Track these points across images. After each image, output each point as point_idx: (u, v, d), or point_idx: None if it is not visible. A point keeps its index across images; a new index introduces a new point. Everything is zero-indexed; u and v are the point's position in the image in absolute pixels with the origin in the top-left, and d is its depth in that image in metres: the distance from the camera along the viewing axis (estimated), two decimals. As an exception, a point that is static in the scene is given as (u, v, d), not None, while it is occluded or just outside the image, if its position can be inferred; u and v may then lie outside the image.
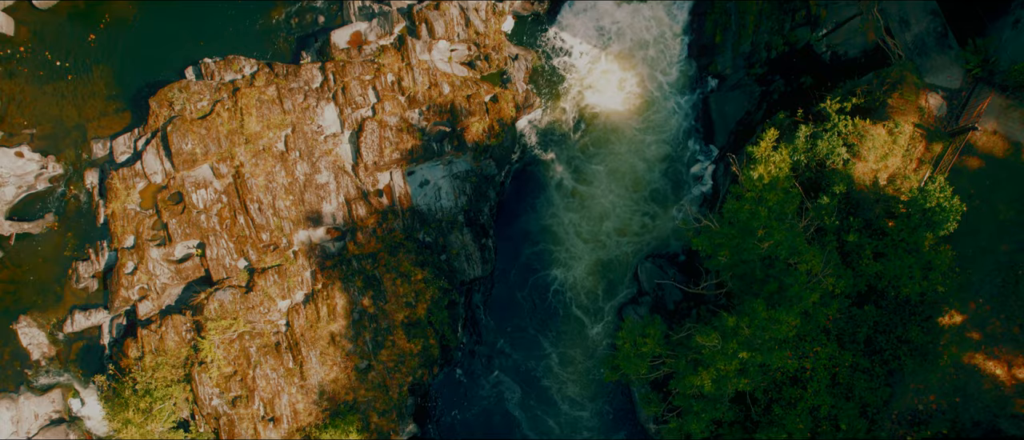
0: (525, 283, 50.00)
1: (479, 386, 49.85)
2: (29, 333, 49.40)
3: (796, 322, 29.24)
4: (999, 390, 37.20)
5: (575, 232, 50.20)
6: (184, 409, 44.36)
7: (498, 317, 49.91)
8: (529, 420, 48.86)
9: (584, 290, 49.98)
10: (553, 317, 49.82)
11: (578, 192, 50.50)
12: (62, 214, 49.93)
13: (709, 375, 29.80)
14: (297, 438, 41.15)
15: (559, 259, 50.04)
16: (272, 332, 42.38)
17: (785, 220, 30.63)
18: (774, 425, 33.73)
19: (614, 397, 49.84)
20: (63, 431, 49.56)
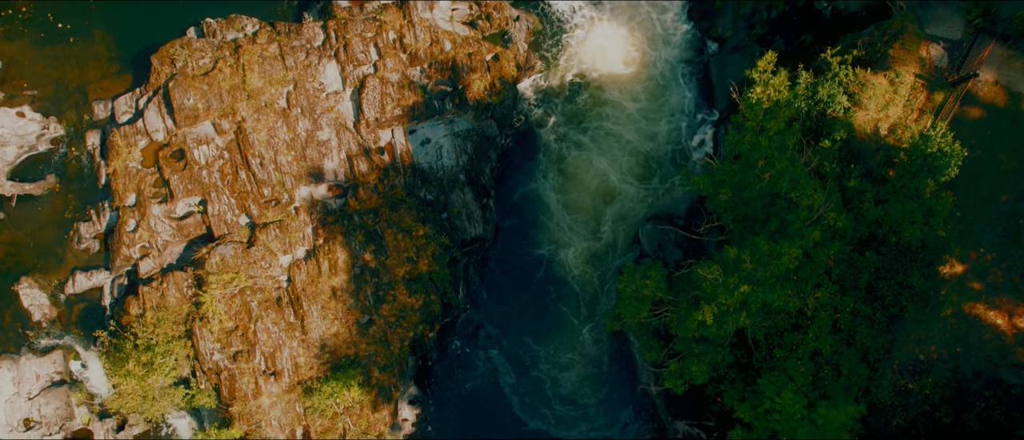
0: (526, 245, 50.04)
1: (478, 350, 49.93)
2: (30, 294, 49.41)
3: (797, 254, 29.25)
4: (1000, 340, 37.24)
5: (577, 194, 50.22)
6: (185, 366, 44.36)
7: (499, 280, 49.98)
8: (531, 384, 49.00)
9: (585, 252, 50.00)
10: (554, 279, 49.89)
11: (579, 157, 50.53)
12: (63, 176, 49.95)
13: (710, 309, 29.80)
14: (298, 391, 41.13)
15: (561, 223, 50.08)
16: (273, 287, 42.40)
17: (786, 151, 30.65)
18: (775, 370, 33.74)
19: (615, 365, 49.96)
20: (64, 392, 49.58)
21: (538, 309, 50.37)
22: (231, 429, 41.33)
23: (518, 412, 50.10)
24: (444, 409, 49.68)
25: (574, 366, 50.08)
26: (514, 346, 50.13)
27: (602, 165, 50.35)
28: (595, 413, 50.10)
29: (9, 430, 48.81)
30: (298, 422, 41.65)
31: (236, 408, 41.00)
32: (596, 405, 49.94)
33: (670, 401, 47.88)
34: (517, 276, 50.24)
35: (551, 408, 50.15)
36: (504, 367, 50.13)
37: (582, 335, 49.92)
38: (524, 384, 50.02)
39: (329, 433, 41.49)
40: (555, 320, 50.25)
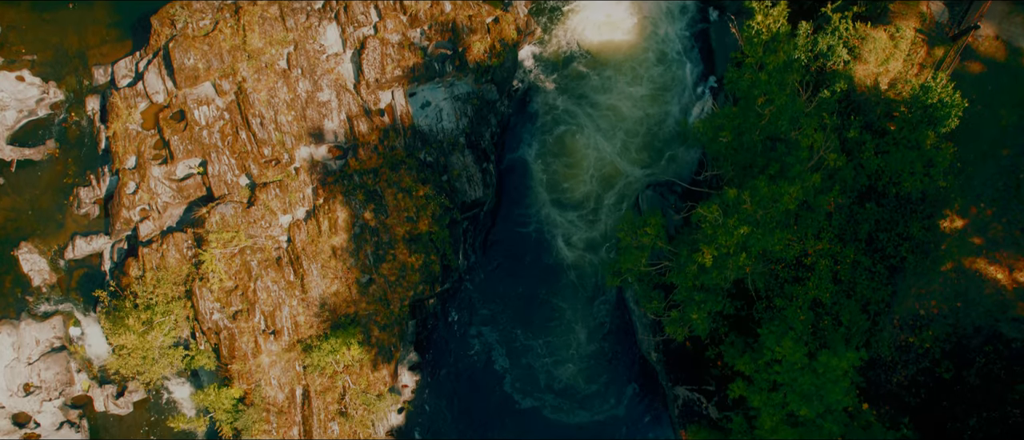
0: (525, 215, 50.03)
1: (477, 325, 49.94)
2: (30, 259, 49.39)
3: (797, 194, 29.23)
4: (1000, 294, 37.24)
5: (577, 163, 50.20)
6: (185, 328, 44.35)
7: (498, 248, 50.01)
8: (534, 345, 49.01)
9: (586, 219, 50.00)
10: (554, 246, 49.92)
11: (576, 127, 50.52)
12: (63, 141, 49.92)
13: (710, 250, 29.76)
14: (298, 350, 41.12)
15: (561, 189, 50.09)
16: (273, 247, 42.39)
17: (786, 88, 30.61)
18: (775, 320, 33.74)
19: (614, 338, 50.04)
20: (64, 358, 49.56)
21: (536, 280, 50.38)
22: (231, 388, 41.31)
23: (513, 386, 50.10)
24: (443, 382, 49.73)
25: (574, 340, 50.11)
26: (513, 322, 50.18)
27: (600, 134, 50.32)
28: (597, 392, 50.14)
29: (9, 395, 48.81)
30: (298, 381, 41.65)
31: (235, 367, 40.97)
32: (598, 384, 50.01)
33: (670, 367, 47.89)
34: (516, 245, 50.26)
35: (551, 385, 50.16)
36: (502, 343, 50.12)
37: (581, 308, 49.98)
38: (524, 356, 50.07)
39: (329, 392, 41.48)
40: (555, 293, 50.27)
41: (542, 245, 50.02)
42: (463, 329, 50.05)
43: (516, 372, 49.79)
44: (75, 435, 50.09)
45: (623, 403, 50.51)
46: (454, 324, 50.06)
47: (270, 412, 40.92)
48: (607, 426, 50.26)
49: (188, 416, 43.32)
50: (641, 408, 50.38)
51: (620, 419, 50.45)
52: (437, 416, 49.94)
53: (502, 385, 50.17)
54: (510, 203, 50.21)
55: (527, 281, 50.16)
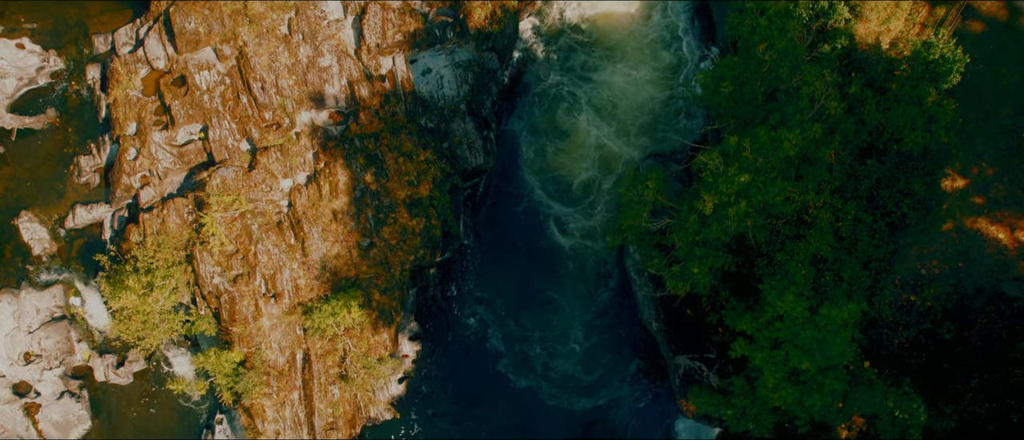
0: (527, 182, 50.01)
1: (475, 301, 49.99)
2: (30, 228, 49.33)
3: (797, 140, 29.19)
4: (1002, 254, 37.23)
5: (578, 134, 50.18)
6: (185, 293, 44.30)
7: (499, 221, 50.05)
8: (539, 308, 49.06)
9: (586, 187, 49.96)
10: (550, 226, 50.05)
11: (578, 96, 50.52)
12: (63, 110, 49.85)
13: (711, 198, 29.70)
14: (298, 313, 41.06)
15: (561, 159, 50.06)
16: (274, 211, 42.35)
17: (787, 33, 30.57)
18: (776, 274, 33.70)
19: (616, 311, 50.09)
20: (64, 327, 49.51)
21: (535, 253, 50.38)
22: (231, 352, 41.26)
23: (510, 366, 50.09)
24: (442, 356, 49.71)
25: (576, 311, 50.12)
26: (512, 299, 50.22)
27: (601, 106, 50.28)
28: (598, 375, 50.12)
29: (9, 363, 48.76)
30: (298, 345, 41.60)
31: (236, 330, 40.93)
32: (599, 365, 49.98)
33: (671, 336, 47.89)
34: (516, 218, 50.26)
35: (549, 365, 50.15)
36: (501, 321, 50.08)
37: (580, 285, 50.02)
38: (522, 333, 50.06)
39: (329, 355, 41.46)
40: (554, 263, 50.30)
41: (540, 225, 50.08)
42: (463, 303, 50.05)
43: (514, 353, 49.77)
44: (75, 405, 50.07)
45: (625, 383, 50.45)
46: (454, 299, 50.06)
47: (270, 375, 40.88)
48: (609, 409, 50.30)
49: (188, 380, 43.23)
50: (643, 386, 50.39)
51: (623, 400, 50.46)
52: (436, 390, 49.93)
53: (500, 363, 50.15)
54: (509, 178, 50.21)
55: (526, 257, 50.19)
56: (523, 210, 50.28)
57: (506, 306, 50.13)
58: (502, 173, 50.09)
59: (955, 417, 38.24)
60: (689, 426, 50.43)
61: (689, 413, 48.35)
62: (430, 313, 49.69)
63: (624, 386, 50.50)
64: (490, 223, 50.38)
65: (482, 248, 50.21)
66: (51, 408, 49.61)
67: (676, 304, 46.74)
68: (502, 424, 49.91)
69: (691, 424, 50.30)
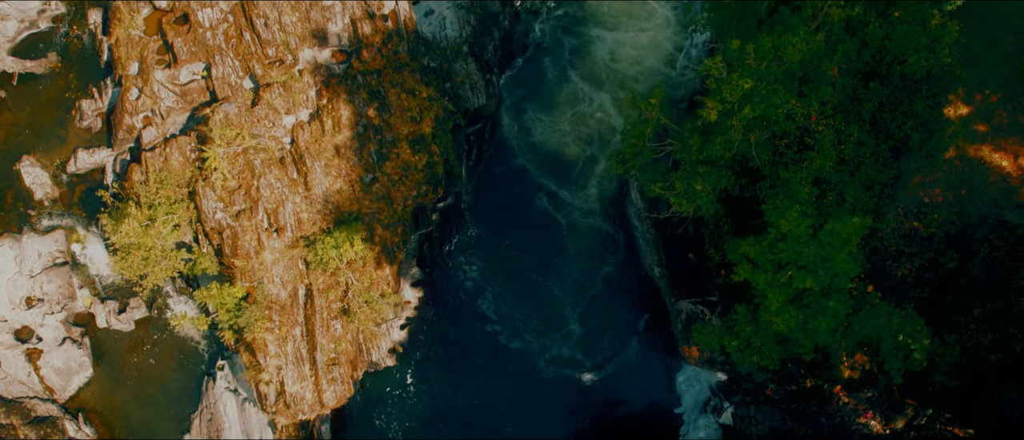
0: (527, 129, 49.98)
1: (476, 255, 50.02)
2: (32, 173, 49.27)
3: (800, 46, 29.10)
4: (1005, 182, 37.17)
5: (582, 84, 50.13)
6: (187, 232, 44.25)
7: (500, 160, 50.06)
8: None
9: (589, 137, 49.95)
10: (558, 162, 50.04)
11: (577, 42, 50.45)
12: (65, 55, 49.80)
13: (714, 104, 29.63)
14: (301, 247, 41.00)
15: (563, 109, 50.03)
16: (277, 148, 42.30)
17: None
18: (780, 194, 33.64)
19: (618, 260, 50.07)
20: (66, 272, 49.46)
21: (535, 201, 50.38)
22: (234, 287, 41.19)
23: (507, 321, 50.12)
24: (442, 308, 49.76)
25: (577, 262, 50.13)
26: (512, 253, 50.28)
27: (603, 60, 50.20)
28: (599, 325, 50.10)
29: (11, 308, 48.71)
30: (300, 280, 41.55)
31: (239, 264, 40.86)
32: (599, 312, 49.98)
33: (673, 282, 47.89)
34: (516, 169, 50.27)
35: (550, 326, 50.11)
36: (500, 276, 50.10)
37: (581, 225, 50.06)
38: (522, 292, 50.12)
39: (331, 290, 41.40)
40: (555, 212, 50.34)
41: (541, 180, 50.13)
42: (462, 253, 50.02)
43: (511, 308, 49.77)
44: (77, 351, 50.03)
45: (627, 337, 50.44)
46: (453, 254, 49.99)
47: (272, 310, 40.82)
48: (609, 366, 50.32)
49: (191, 315, 43.15)
50: (644, 341, 50.41)
51: (624, 356, 50.44)
52: (436, 343, 49.92)
53: (496, 318, 50.15)
54: (509, 124, 50.22)
55: (526, 208, 50.22)
56: (522, 163, 50.24)
57: (505, 258, 50.12)
58: (503, 120, 50.07)
59: (958, 347, 38.22)
60: (690, 376, 50.42)
61: (691, 359, 48.34)
62: (432, 262, 49.68)
63: (625, 341, 50.48)
64: (490, 175, 50.34)
65: (483, 198, 50.17)
66: (53, 354, 49.56)
67: (678, 240, 46.80)
68: (500, 383, 49.97)
69: (692, 374, 50.29)
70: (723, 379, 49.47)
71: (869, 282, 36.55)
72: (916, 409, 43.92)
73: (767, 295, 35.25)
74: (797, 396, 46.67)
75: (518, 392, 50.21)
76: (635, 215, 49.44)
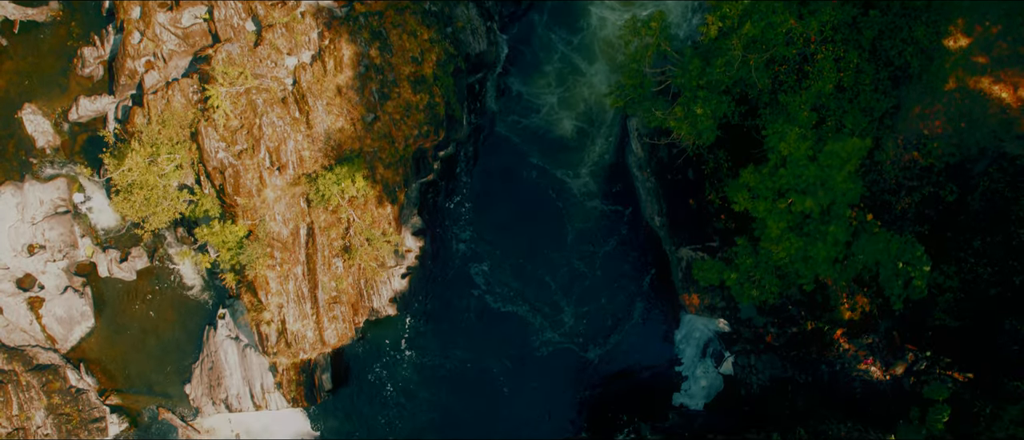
0: (527, 73, 50.01)
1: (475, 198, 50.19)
2: (34, 121, 49.42)
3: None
4: (1005, 113, 37.25)
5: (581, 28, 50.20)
6: (189, 174, 44.40)
7: (503, 115, 50.19)
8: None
9: (588, 99, 50.03)
10: (558, 116, 50.12)
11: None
12: (67, 2, 49.97)
13: (714, 21, 29.74)
14: (303, 184, 41.11)
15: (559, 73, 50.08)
16: (279, 88, 42.41)
17: None
18: (779, 118, 33.76)
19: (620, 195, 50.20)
20: (68, 220, 49.60)
21: (536, 149, 50.51)
22: (236, 226, 41.30)
23: (506, 283, 50.31)
24: (442, 263, 49.96)
25: (578, 219, 50.26)
26: (511, 200, 50.43)
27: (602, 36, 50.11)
28: (598, 279, 50.22)
29: (13, 255, 48.85)
30: (302, 218, 41.66)
31: (241, 201, 40.98)
32: (597, 264, 50.11)
33: (674, 229, 47.98)
34: (518, 115, 50.35)
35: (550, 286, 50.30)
36: (498, 226, 50.25)
37: (580, 166, 50.18)
38: (521, 251, 50.29)
39: (333, 228, 41.53)
40: (553, 161, 50.50)
41: (540, 122, 50.20)
42: (463, 210, 50.17)
43: (512, 266, 49.92)
44: (79, 300, 50.19)
45: (631, 306, 50.52)
46: (455, 208, 50.15)
47: (274, 247, 40.94)
48: (607, 320, 50.43)
49: (193, 252, 43.20)
50: (645, 296, 50.47)
51: (630, 321, 50.57)
52: (436, 292, 50.08)
53: (495, 277, 50.26)
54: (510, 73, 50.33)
55: (527, 154, 50.32)
56: (523, 105, 50.30)
57: (505, 215, 50.20)
58: (505, 74, 50.13)
59: (958, 278, 38.34)
60: (689, 331, 50.41)
61: (692, 307, 48.43)
62: (434, 214, 49.78)
63: (626, 300, 50.53)
64: (492, 130, 50.47)
65: (484, 153, 50.27)
66: (54, 302, 49.71)
67: (678, 186, 46.91)
68: (498, 339, 50.13)
69: (692, 327, 50.29)
70: (723, 329, 49.50)
71: (869, 211, 36.65)
72: (916, 354, 44.02)
73: (767, 223, 35.39)
74: (797, 343, 46.73)
75: (516, 351, 50.32)
76: (635, 165, 49.55)
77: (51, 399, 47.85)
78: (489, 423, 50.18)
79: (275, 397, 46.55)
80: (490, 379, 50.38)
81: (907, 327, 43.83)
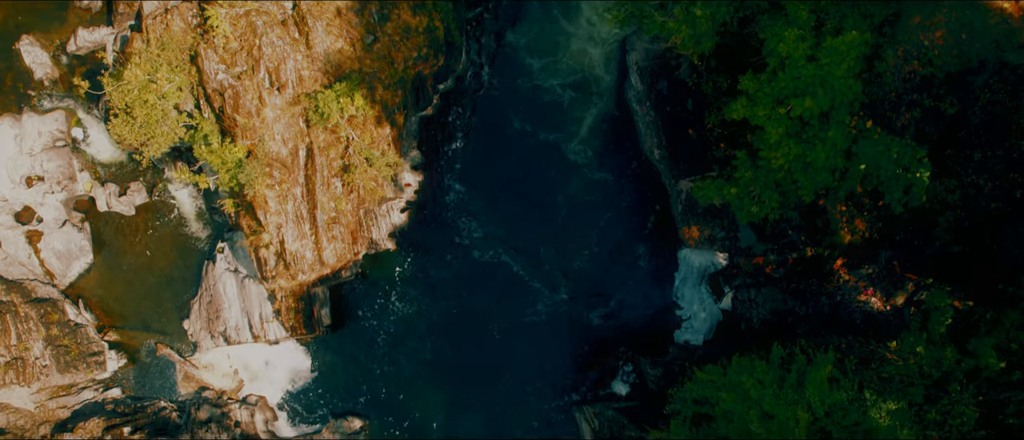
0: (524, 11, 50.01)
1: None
2: (32, 52, 49.32)
3: None
4: (1006, 24, 37.10)
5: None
6: (188, 100, 44.28)
7: (502, 50, 50.15)
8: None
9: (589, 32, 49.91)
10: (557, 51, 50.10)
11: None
12: (67, -66, 49.88)
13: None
14: (303, 103, 41.02)
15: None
16: (279, 12, 42.27)
17: None
18: (778, 21, 33.62)
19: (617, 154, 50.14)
20: (67, 153, 49.51)
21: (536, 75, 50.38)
22: (235, 147, 41.18)
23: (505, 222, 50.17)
24: (441, 201, 49.95)
25: (581, 154, 50.19)
26: (511, 135, 50.31)
27: None
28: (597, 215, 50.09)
29: (12, 186, 48.76)
30: (301, 138, 41.57)
31: (240, 120, 40.87)
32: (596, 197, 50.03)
33: (674, 161, 47.92)
34: (518, 65, 50.26)
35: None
36: (496, 161, 50.12)
37: (579, 106, 50.12)
38: (519, 170, 50.16)
39: (332, 148, 41.42)
40: (552, 89, 50.35)
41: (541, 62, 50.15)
42: (463, 148, 50.11)
43: (511, 208, 49.86)
44: (77, 235, 50.11)
45: (632, 252, 50.44)
46: (452, 145, 50.08)
47: (273, 167, 40.83)
48: (604, 260, 50.32)
49: (192, 173, 43.09)
50: (645, 234, 50.39)
51: (633, 267, 50.47)
52: (435, 232, 50.03)
53: (492, 217, 50.20)
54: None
55: (527, 103, 50.28)
56: (525, 44, 50.25)
57: (504, 154, 50.08)
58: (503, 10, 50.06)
59: (958, 191, 38.24)
60: (688, 268, 50.28)
61: (691, 240, 48.33)
62: (433, 152, 49.67)
63: (624, 229, 50.24)
64: (493, 68, 50.36)
65: (485, 92, 50.12)
66: (53, 236, 49.62)
67: (677, 118, 46.84)
68: (497, 283, 50.12)
69: (691, 262, 50.15)
70: (722, 263, 49.39)
71: (869, 117, 36.54)
72: (916, 283, 43.90)
73: (766, 129, 35.28)
74: (797, 274, 46.64)
75: (514, 295, 50.28)
76: (635, 100, 49.49)
77: (49, 330, 47.76)
78: (486, 365, 50.12)
79: (273, 326, 46.45)
80: (486, 320, 50.31)
81: (907, 255, 43.73)
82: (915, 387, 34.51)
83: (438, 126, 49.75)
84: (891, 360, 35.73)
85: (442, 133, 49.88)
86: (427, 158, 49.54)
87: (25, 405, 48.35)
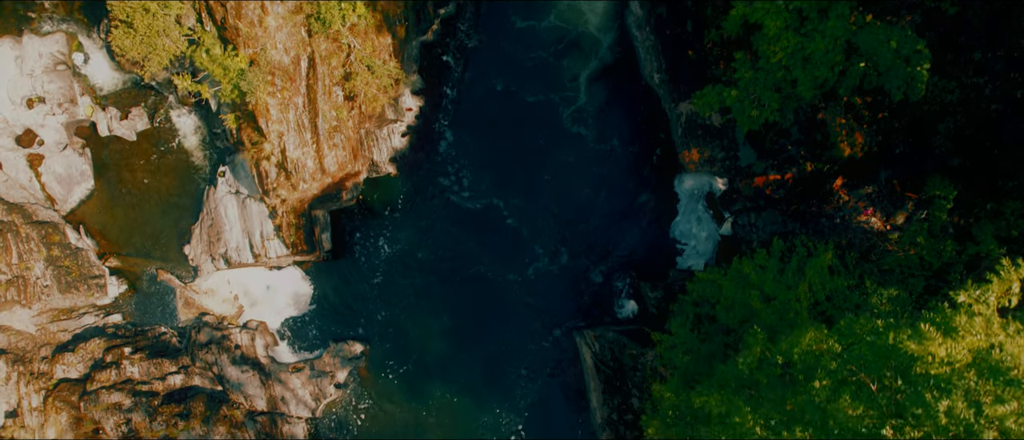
0: None
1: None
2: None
3: None
4: (1004, -76, 37.29)
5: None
6: (190, 15, 44.34)
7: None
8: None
9: None
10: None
11: None
12: None
13: None
14: (305, 12, 41.09)
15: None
16: (279, -77, 42.37)
17: None
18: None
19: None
20: (68, 76, 49.55)
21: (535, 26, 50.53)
22: (237, 57, 41.25)
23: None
24: (439, 136, 50.07)
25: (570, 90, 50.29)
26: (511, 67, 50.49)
27: None
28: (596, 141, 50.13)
29: (12, 107, 48.82)
30: (303, 47, 41.63)
31: (242, 28, 40.93)
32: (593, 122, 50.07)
33: (673, 84, 48.03)
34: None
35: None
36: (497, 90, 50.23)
37: (579, 42, 50.14)
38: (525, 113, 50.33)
39: (334, 56, 41.50)
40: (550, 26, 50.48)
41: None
42: (462, 80, 50.19)
43: (510, 143, 49.92)
44: (78, 159, 50.18)
45: (632, 182, 50.47)
46: (452, 74, 50.13)
47: (275, 75, 40.89)
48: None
49: (192, 82, 43.13)
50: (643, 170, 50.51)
51: (632, 198, 50.50)
52: (435, 162, 50.08)
53: (491, 151, 50.25)
54: None
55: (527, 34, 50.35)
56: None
57: (503, 84, 50.17)
58: None
59: (958, 92, 38.37)
60: (689, 195, 50.32)
61: (691, 164, 48.42)
62: (433, 78, 49.77)
63: (624, 160, 50.27)
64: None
65: (486, 26, 50.15)
66: (54, 159, 49.68)
67: (677, 40, 46.94)
68: (498, 222, 50.32)
69: (690, 190, 50.23)
70: (722, 189, 49.53)
71: (868, 12, 36.64)
72: (916, 203, 44.03)
73: (764, 24, 35.41)
74: (797, 196, 46.78)
75: (516, 226, 50.37)
76: (635, 25, 49.57)
77: (50, 251, 47.82)
78: (485, 294, 50.23)
79: (274, 244, 46.53)
80: (486, 252, 50.38)
81: (907, 173, 43.89)
82: (915, 278, 34.65)
83: (439, 53, 49.84)
84: (891, 252, 35.86)
85: (441, 61, 49.96)
86: (428, 84, 49.62)
87: (26, 328, 48.41)
